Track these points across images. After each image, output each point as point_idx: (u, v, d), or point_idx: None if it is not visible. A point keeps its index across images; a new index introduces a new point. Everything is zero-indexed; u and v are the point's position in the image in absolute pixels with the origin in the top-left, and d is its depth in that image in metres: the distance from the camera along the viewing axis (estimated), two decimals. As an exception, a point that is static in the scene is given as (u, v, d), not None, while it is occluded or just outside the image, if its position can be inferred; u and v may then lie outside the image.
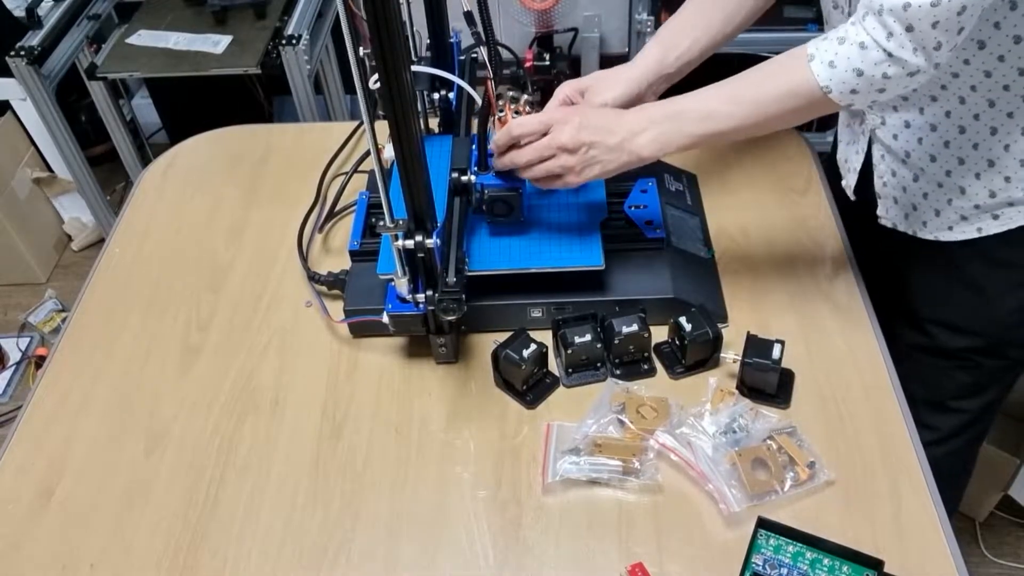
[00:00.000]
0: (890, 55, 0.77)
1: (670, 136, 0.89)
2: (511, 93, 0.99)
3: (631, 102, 0.99)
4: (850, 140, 1.06)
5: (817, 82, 0.81)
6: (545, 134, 0.91)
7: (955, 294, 1.04)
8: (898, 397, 0.94)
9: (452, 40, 1.08)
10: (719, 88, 0.88)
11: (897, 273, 1.08)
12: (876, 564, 0.78)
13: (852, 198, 1.09)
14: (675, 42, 1.01)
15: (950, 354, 1.07)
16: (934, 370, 1.03)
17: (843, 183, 1.10)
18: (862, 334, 1.00)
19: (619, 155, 0.90)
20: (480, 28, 0.98)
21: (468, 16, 0.97)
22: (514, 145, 0.93)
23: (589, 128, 0.90)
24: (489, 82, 0.95)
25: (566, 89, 1.00)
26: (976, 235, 0.98)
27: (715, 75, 1.01)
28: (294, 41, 1.87)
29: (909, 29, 0.75)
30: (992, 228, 0.97)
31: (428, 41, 1.05)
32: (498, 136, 0.94)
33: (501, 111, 0.97)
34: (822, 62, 0.80)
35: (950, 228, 1.00)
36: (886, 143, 1.00)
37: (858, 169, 1.06)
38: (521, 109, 0.98)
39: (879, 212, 1.07)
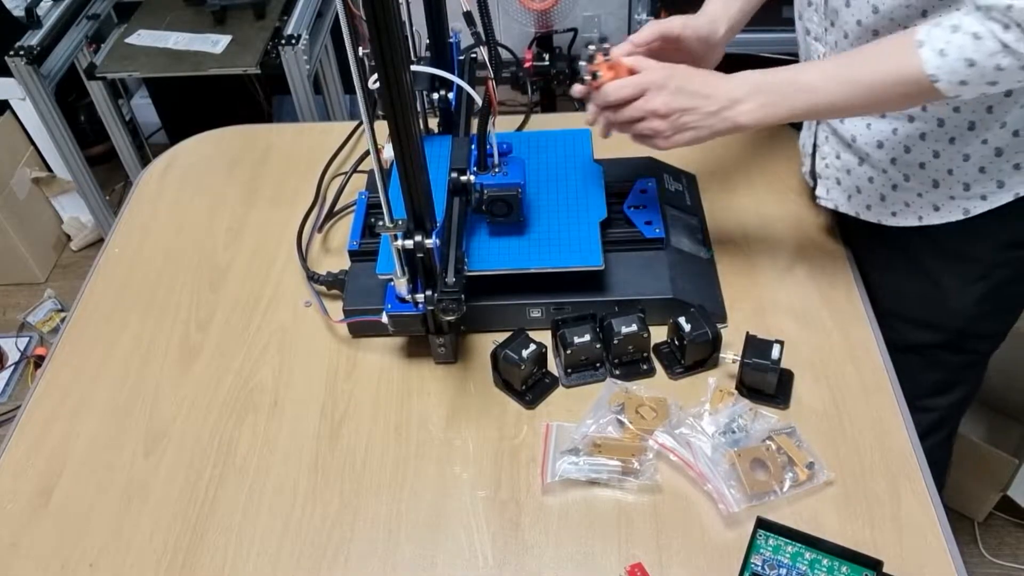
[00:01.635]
0: (1006, 46, 0.74)
1: (773, 108, 0.87)
2: (599, 47, 0.92)
3: (705, 46, 0.99)
4: (807, 124, 1.08)
5: (924, 70, 0.78)
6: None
7: (913, 288, 1.05)
8: (897, 398, 0.94)
9: (451, 40, 1.08)
10: (824, 64, 0.87)
11: (860, 266, 1.09)
12: (875, 564, 0.78)
13: (810, 183, 1.11)
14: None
15: (913, 349, 1.07)
16: (902, 367, 1.03)
17: (802, 169, 1.12)
18: (861, 334, 1.00)
19: (714, 122, 0.89)
20: (480, 28, 0.98)
21: (468, 16, 0.97)
22: (610, 106, 0.92)
23: (684, 93, 0.88)
24: (490, 82, 0.95)
25: (637, 38, 0.97)
26: (917, 223, 0.99)
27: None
28: (293, 41, 1.87)
29: (1020, 26, 0.73)
30: (933, 218, 0.98)
31: (427, 41, 1.05)
32: (596, 97, 0.93)
33: (596, 72, 0.92)
34: (932, 49, 0.77)
35: (893, 214, 1.01)
36: (832, 125, 1.01)
37: (811, 153, 1.07)
38: (616, 66, 0.92)
39: (817, 192, 1.08)
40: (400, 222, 0.86)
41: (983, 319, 1.06)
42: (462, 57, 1.10)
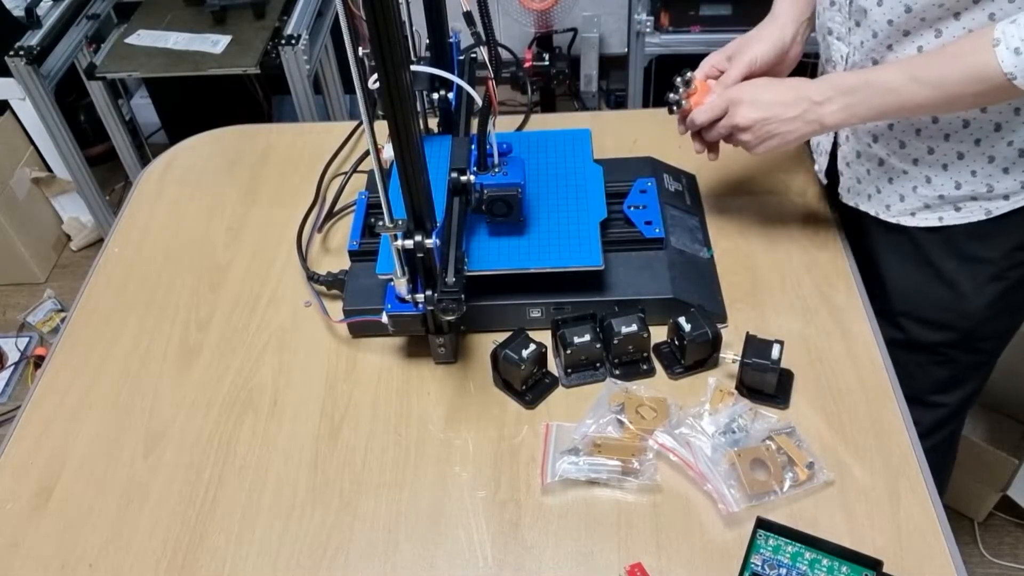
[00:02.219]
0: None
1: (857, 108, 0.89)
2: (683, 79, 1.02)
3: (780, 55, 1.02)
4: None
5: (1002, 68, 0.78)
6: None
7: (927, 288, 1.05)
8: (897, 397, 0.94)
9: (451, 40, 1.08)
10: (903, 65, 0.87)
11: (872, 267, 1.09)
12: (875, 564, 0.78)
13: (823, 181, 1.12)
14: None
15: (924, 348, 1.09)
16: (910, 365, 1.04)
17: (815, 167, 1.13)
18: (861, 334, 1.00)
19: (799, 125, 0.93)
20: (480, 28, 0.98)
21: (468, 16, 0.97)
22: (700, 128, 1.00)
23: (760, 105, 0.94)
24: (490, 82, 0.95)
25: (712, 60, 1.03)
26: (937, 223, 0.99)
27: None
28: (293, 41, 1.87)
29: None
30: (953, 219, 0.98)
31: (427, 41, 1.05)
32: (688, 123, 1.02)
33: (688, 85, 1.01)
34: (1008, 47, 0.77)
35: (912, 214, 1.01)
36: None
37: (828, 151, 1.07)
38: (697, 92, 1.01)
39: (840, 190, 1.08)
40: (400, 222, 0.86)
41: (995, 319, 1.06)
42: (462, 57, 1.10)
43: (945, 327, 1.07)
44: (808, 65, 1.12)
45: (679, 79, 1.02)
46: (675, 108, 1.02)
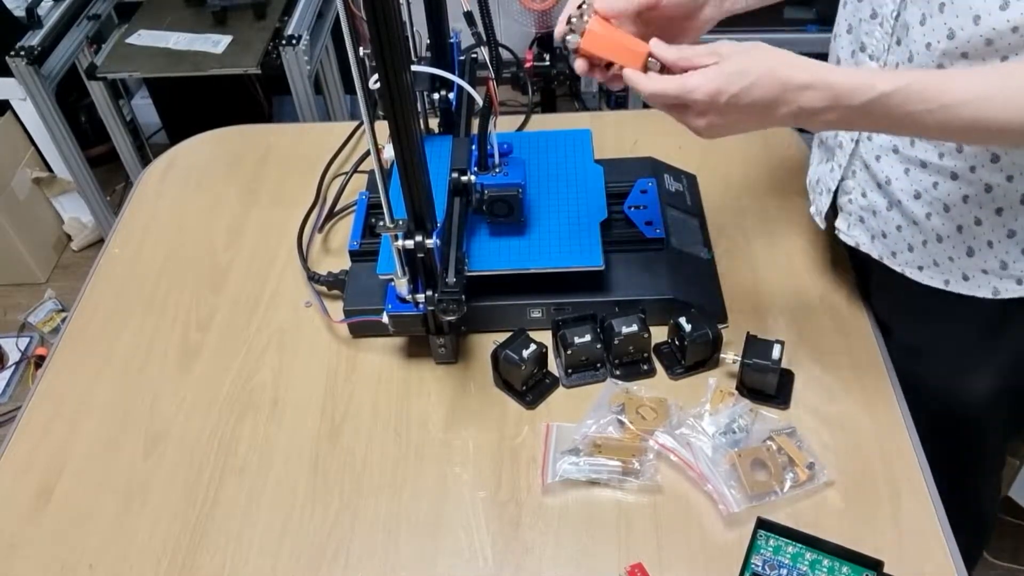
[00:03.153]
0: None
1: (851, 125, 0.75)
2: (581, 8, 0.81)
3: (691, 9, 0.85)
4: (824, 158, 0.98)
5: None
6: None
7: (932, 348, 0.96)
8: (898, 398, 0.93)
9: (452, 40, 1.08)
10: (970, 75, 0.71)
11: (876, 311, 1.01)
12: (875, 565, 0.78)
13: (822, 226, 1.00)
14: None
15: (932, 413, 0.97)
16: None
17: (811, 209, 1.01)
18: (862, 334, 1.00)
19: (774, 125, 0.76)
20: (480, 28, 0.98)
21: (468, 16, 0.97)
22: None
23: (736, 110, 0.73)
24: (490, 82, 0.95)
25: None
26: (942, 286, 0.89)
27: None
28: (294, 41, 1.87)
29: None
30: (960, 287, 0.88)
31: (428, 41, 1.05)
32: (613, 81, 0.82)
33: (582, 17, 0.80)
34: None
35: (920, 268, 0.90)
36: (865, 159, 0.90)
37: (832, 190, 0.96)
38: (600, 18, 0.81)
39: (838, 224, 0.98)
40: (401, 222, 0.86)
41: (1000, 408, 0.98)
42: (463, 57, 1.10)
43: (946, 398, 0.98)
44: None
45: (575, 12, 0.80)
46: (568, 46, 0.81)
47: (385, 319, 0.95)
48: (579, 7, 0.81)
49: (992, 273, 0.85)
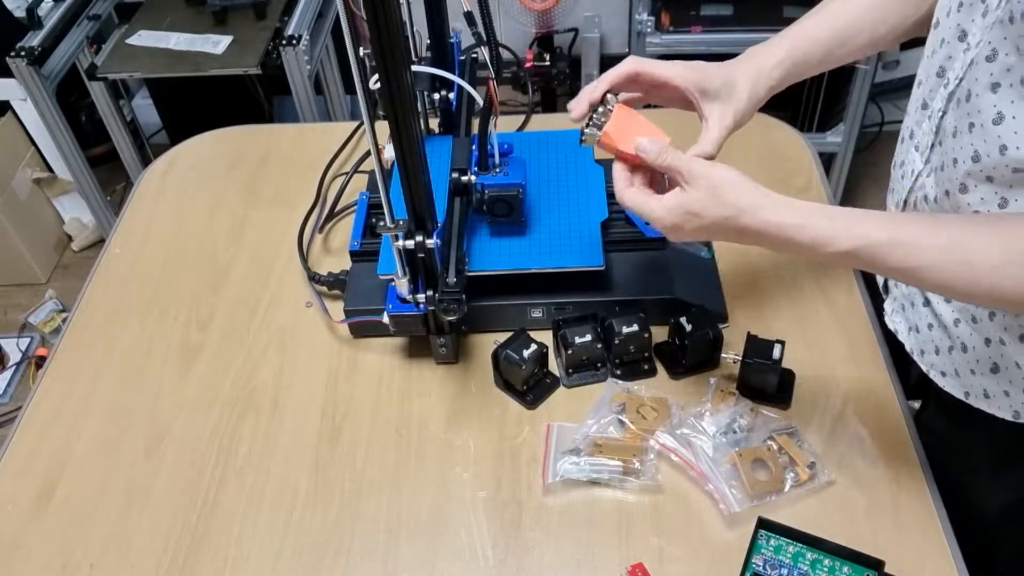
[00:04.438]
0: None
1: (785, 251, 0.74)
2: (600, 109, 0.83)
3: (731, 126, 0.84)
4: (894, 203, 0.88)
5: None
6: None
7: (960, 459, 0.89)
8: (898, 396, 0.93)
9: (452, 40, 1.08)
10: (927, 221, 0.70)
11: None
12: (876, 564, 0.78)
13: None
14: (803, 54, 0.84)
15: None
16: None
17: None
18: (862, 334, 1.00)
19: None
20: (481, 28, 0.98)
21: (468, 16, 0.97)
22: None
23: (706, 231, 0.75)
24: (491, 82, 0.95)
25: (633, 69, 0.83)
26: (962, 398, 0.83)
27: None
28: (294, 41, 1.87)
29: None
30: (981, 403, 0.82)
31: (428, 41, 1.05)
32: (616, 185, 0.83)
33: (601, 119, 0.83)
34: None
35: (943, 374, 0.84)
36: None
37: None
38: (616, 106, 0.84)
39: (885, 306, 0.94)
40: (401, 222, 0.86)
41: (1014, 526, 0.90)
42: (463, 57, 1.10)
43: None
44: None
45: (599, 108, 0.83)
46: (586, 141, 0.84)
47: (386, 319, 0.95)
48: (603, 101, 0.83)
49: (1014, 396, 0.79)
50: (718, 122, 0.83)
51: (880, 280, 0.96)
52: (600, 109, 0.83)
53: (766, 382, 0.92)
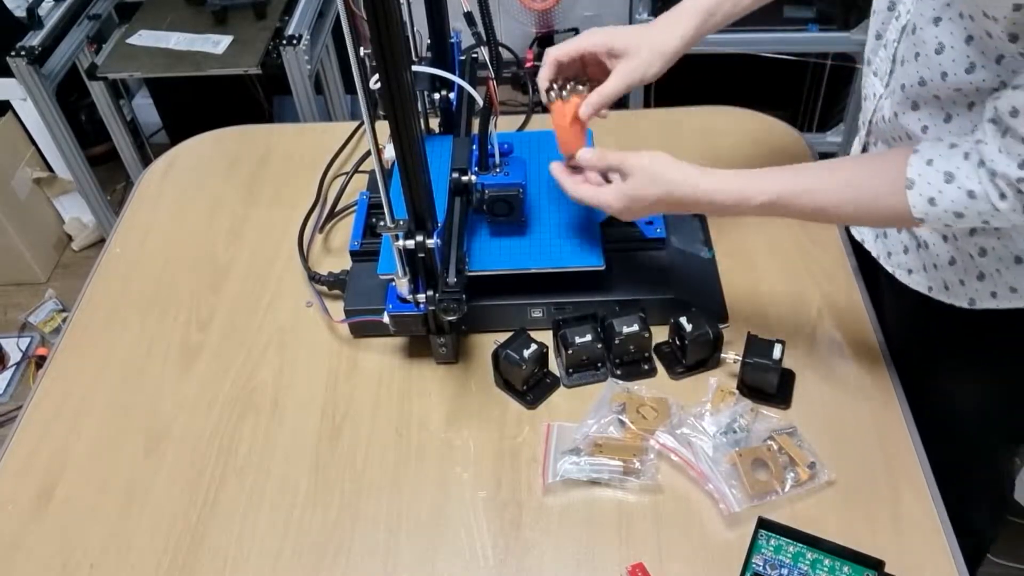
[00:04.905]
0: (997, 210, 0.72)
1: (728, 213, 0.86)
2: (570, 86, 0.94)
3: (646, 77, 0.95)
4: (861, 122, 0.98)
5: (912, 213, 0.76)
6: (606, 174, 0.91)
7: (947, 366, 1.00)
8: (898, 396, 0.93)
9: (452, 40, 1.08)
10: (817, 170, 0.83)
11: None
12: (876, 564, 0.78)
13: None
14: (706, 17, 0.94)
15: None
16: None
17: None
18: (862, 334, 1.00)
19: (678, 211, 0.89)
20: (480, 28, 0.98)
21: (468, 16, 0.97)
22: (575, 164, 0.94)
23: (647, 209, 0.88)
24: (491, 82, 0.95)
25: (591, 42, 0.94)
26: (925, 292, 0.93)
27: (714, 75, 1.00)
28: (294, 41, 1.87)
29: (1021, 195, 0.71)
30: (941, 295, 0.92)
31: (428, 41, 1.05)
32: (562, 163, 0.95)
33: (564, 94, 0.94)
34: (922, 195, 0.75)
35: (909, 272, 0.94)
36: (890, 135, 0.90)
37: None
38: (574, 99, 0.93)
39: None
40: (401, 222, 0.86)
41: (989, 418, 1.02)
42: (463, 57, 1.10)
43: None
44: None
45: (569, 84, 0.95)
46: (542, 98, 0.94)
47: (386, 319, 0.95)
48: (569, 82, 0.94)
49: (968, 285, 0.88)
50: (617, 79, 0.94)
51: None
52: (568, 86, 0.94)
53: (766, 382, 0.92)
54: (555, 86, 0.95)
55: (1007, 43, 0.69)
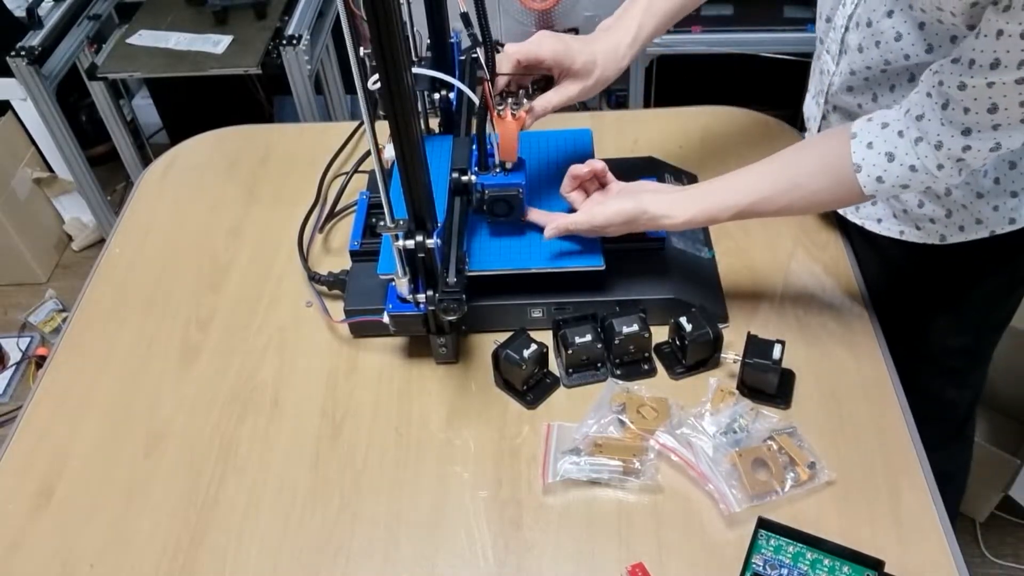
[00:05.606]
0: (936, 177, 0.81)
1: (699, 219, 0.93)
2: (511, 100, 0.97)
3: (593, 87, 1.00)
4: (817, 91, 1.04)
5: (863, 190, 0.84)
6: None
7: (929, 300, 1.07)
8: (898, 396, 0.93)
9: (452, 40, 1.07)
10: (762, 168, 0.91)
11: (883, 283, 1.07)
12: (876, 564, 0.78)
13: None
14: (655, 13, 1.00)
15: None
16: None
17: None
18: (862, 334, 1.00)
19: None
20: (477, 30, 0.98)
21: (465, 17, 0.97)
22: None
23: (613, 230, 0.95)
24: (486, 83, 0.95)
25: (549, 51, 0.95)
26: (898, 236, 1.00)
27: (714, 75, 1.00)
28: (294, 41, 1.87)
29: (961, 162, 0.79)
30: (913, 237, 0.99)
31: (428, 41, 1.05)
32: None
33: (500, 108, 0.96)
34: (870, 175, 0.83)
35: (879, 220, 1.01)
36: (843, 105, 0.98)
37: (819, 121, 1.04)
38: (522, 112, 0.97)
39: None
40: (401, 222, 0.86)
41: (964, 355, 1.11)
42: (463, 57, 1.10)
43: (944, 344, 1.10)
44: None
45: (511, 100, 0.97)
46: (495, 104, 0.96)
47: (386, 319, 0.95)
48: (518, 93, 0.97)
49: (939, 223, 0.96)
50: (562, 93, 0.98)
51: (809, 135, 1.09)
52: (511, 100, 0.96)
53: (766, 382, 0.92)
54: (504, 99, 0.97)
55: (960, 27, 0.77)
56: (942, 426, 1.20)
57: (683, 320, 0.95)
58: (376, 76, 0.75)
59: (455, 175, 0.97)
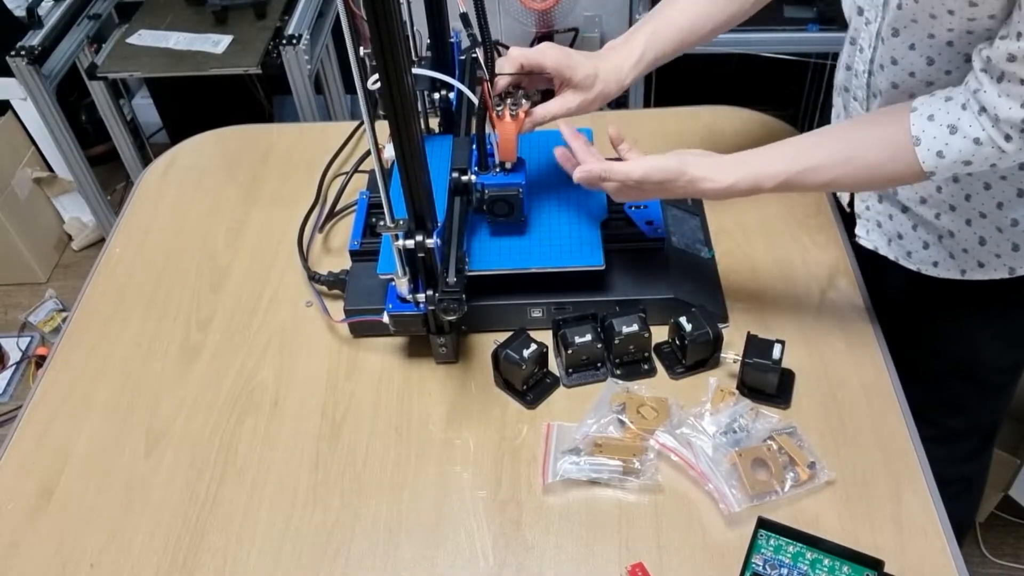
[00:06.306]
0: (1003, 152, 0.77)
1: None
2: (510, 100, 0.97)
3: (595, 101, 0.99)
4: None
5: (923, 168, 0.80)
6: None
7: (947, 340, 1.07)
8: (898, 396, 0.93)
9: (452, 40, 1.07)
10: (819, 138, 0.87)
11: (893, 314, 1.04)
12: (876, 564, 0.78)
13: (848, 209, 1.09)
14: (660, 40, 0.99)
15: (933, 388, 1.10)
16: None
17: (843, 201, 1.10)
18: (862, 334, 1.00)
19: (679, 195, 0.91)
20: (476, 30, 0.98)
21: (464, 18, 0.97)
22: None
23: (647, 193, 0.90)
24: (485, 83, 0.95)
25: (552, 61, 0.94)
26: (959, 276, 0.98)
27: (714, 75, 1.00)
28: (294, 41, 1.87)
29: None
30: (976, 274, 0.97)
31: (428, 41, 1.05)
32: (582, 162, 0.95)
33: (499, 108, 0.96)
34: (930, 149, 0.79)
35: (935, 264, 1.00)
36: None
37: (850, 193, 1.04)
38: (521, 112, 0.98)
39: (857, 231, 1.06)
40: (401, 222, 0.86)
41: (1010, 372, 1.09)
42: (463, 57, 1.10)
43: (958, 375, 1.10)
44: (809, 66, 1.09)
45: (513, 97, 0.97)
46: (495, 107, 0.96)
47: (386, 319, 0.95)
48: (517, 94, 0.96)
49: (1005, 256, 0.94)
50: (562, 104, 0.97)
51: (845, 198, 1.09)
52: (510, 100, 0.96)
53: (766, 382, 0.92)
54: (503, 99, 0.97)
55: (995, 26, 0.76)
56: (979, 440, 1.20)
57: (683, 320, 0.95)
58: (376, 76, 0.75)
59: (455, 175, 0.97)
